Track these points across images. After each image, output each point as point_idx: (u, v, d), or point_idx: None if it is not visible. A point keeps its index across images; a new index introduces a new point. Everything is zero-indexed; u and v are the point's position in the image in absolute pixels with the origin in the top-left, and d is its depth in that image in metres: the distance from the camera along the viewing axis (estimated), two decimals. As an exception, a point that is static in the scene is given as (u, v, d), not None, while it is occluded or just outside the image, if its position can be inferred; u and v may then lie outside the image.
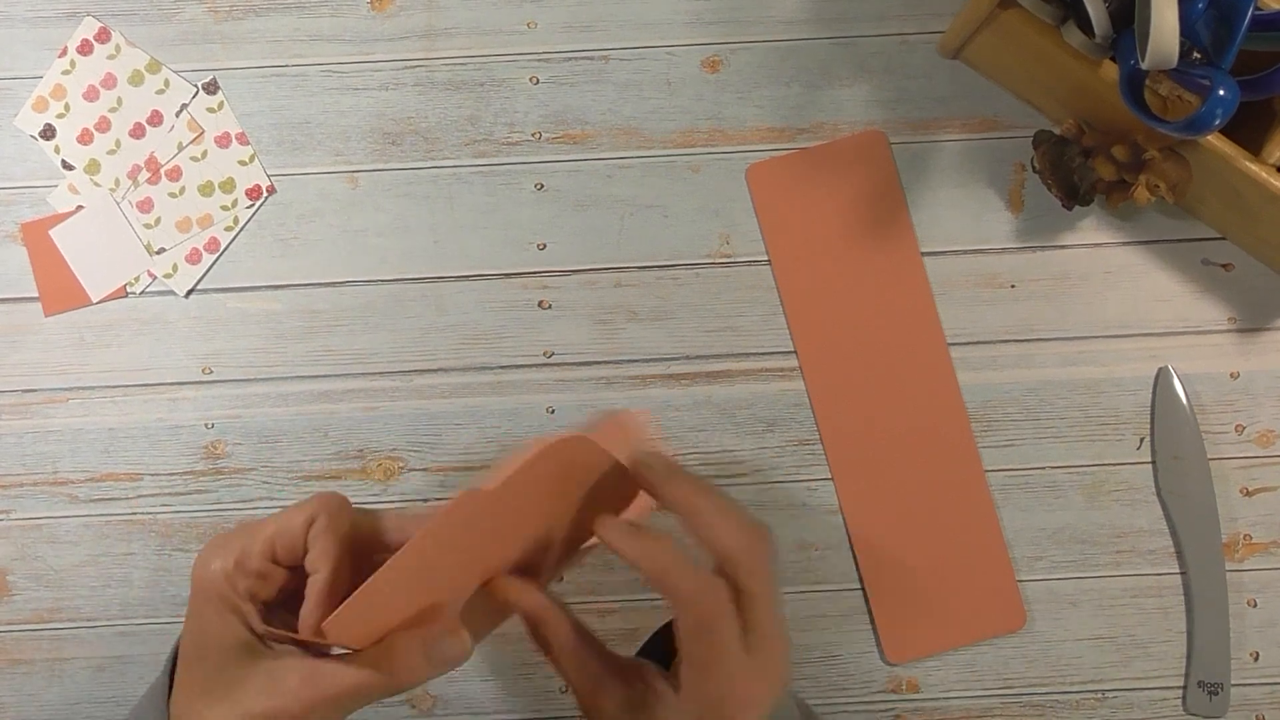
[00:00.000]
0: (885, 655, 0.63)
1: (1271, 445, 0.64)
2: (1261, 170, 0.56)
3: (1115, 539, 0.64)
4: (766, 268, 0.65)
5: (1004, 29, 0.60)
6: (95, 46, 0.66)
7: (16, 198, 0.65)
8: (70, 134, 0.65)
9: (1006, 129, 0.66)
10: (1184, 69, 0.52)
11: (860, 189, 0.65)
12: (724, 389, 0.65)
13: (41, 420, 0.65)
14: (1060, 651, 0.63)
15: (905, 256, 0.65)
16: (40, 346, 0.65)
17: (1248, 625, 0.63)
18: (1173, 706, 0.63)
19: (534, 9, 0.66)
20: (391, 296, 0.65)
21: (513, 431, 0.64)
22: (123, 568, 0.64)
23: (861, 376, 0.64)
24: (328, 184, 0.66)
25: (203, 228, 0.65)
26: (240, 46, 0.66)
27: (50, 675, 0.64)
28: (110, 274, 0.65)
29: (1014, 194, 0.65)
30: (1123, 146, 0.59)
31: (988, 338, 0.65)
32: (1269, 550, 0.64)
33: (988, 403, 0.64)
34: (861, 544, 0.64)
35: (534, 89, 0.66)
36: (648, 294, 0.65)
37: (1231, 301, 0.65)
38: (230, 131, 0.66)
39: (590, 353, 0.65)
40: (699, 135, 0.66)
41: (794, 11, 0.66)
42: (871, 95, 0.66)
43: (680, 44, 0.66)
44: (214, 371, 0.65)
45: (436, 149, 0.66)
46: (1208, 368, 0.64)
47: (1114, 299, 0.65)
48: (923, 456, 0.64)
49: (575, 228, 0.65)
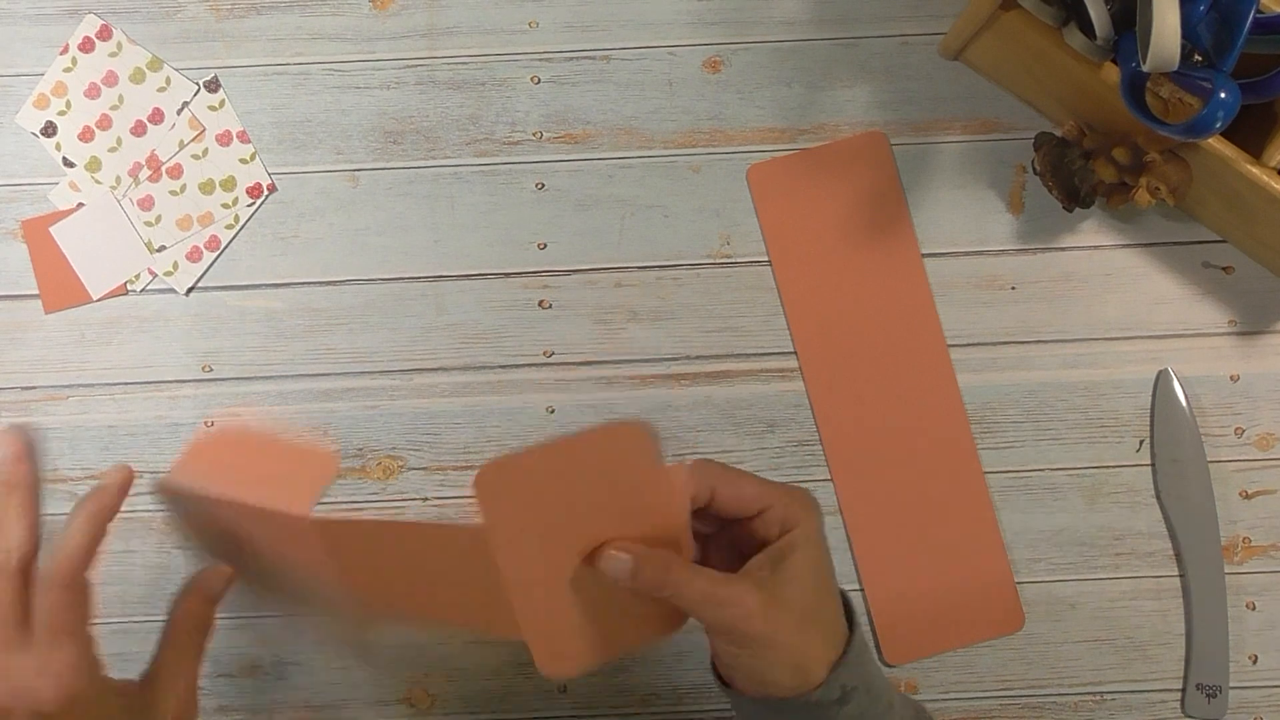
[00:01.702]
0: (884, 656, 0.63)
1: (1271, 448, 0.64)
2: (1262, 173, 0.56)
3: (1114, 541, 0.64)
4: (767, 268, 0.65)
5: (1005, 31, 0.60)
6: (97, 44, 0.66)
7: (17, 195, 0.66)
8: (71, 131, 0.65)
9: (1007, 131, 0.66)
10: (1185, 71, 0.52)
11: (861, 190, 0.65)
12: (724, 389, 0.65)
13: (42, 417, 0.65)
14: (1059, 653, 0.63)
15: (905, 257, 0.65)
16: (41, 344, 0.65)
17: (1246, 628, 0.63)
18: (1171, 709, 0.63)
19: (535, 8, 0.66)
20: (392, 295, 0.65)
21: (513, 431, 0.64)
22: (122, 566, 0.64)
23: (861, 377, 0.64)
24: (328, 183, 0.66)
25: (203, 226, 0.65)
26: (242, 45, 0.66)
27: (49, 672, 0.64)
28: (111, 271, 0.65)
29: (1014, 196, 0.65)
30: (1123, 149, 0.59)
31: (988, 339, 0.65)
32: (1268, 553, 0.64)
33: (987, 404, 0.64)
34: (860, 545, 0.64)
35: (535, 88, 0.66)
36: (648, 294, 0.65)
37: (1232, 304, 0.65)
38: (231, 130, 0.66)
39: (590, 352, 0.65)
40: (700, 135, 0.66)
41: (795, 12, 0.66)
42: (872, 96, 0.66)
43: (682, 44, 0.66)
44: (214, 369, 0.65)
45: (437, 148, 0.66)
46: (1208, 370, 0.64)
47: (1114, 301, 0.65)
48: (922, 458, 0.64)
49: (576, 227, 0.65)
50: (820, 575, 0.47)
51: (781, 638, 0.45)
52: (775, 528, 0.47)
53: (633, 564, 0.45)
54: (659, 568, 0.46)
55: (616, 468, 0.46)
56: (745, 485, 0.48)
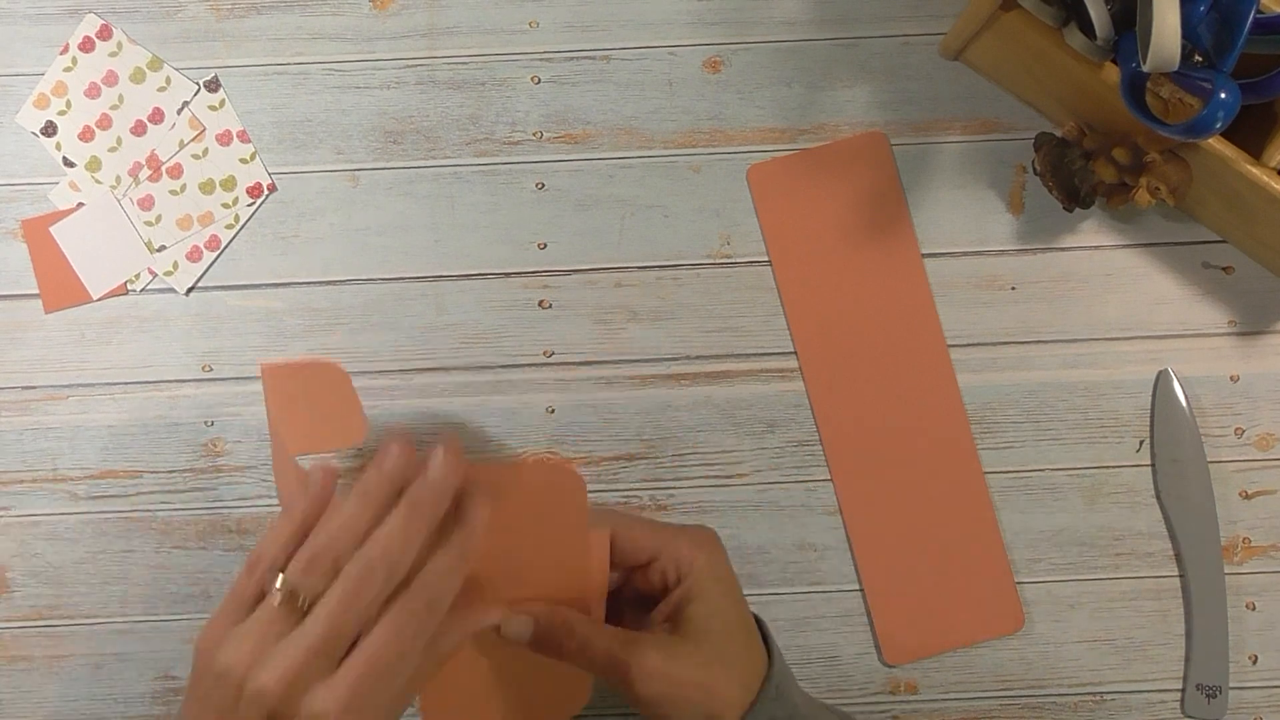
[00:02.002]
0: (884, 657, 0.63)
1: (1271, 449, 0.64)
2: (1262, 173, 0.56)
3: (1114, 541, 0.64)
4: (767, 268, 0.65)
5: (1005, 31, 0.60)
6: (97, 43, 0.66)
7: (17, 194, 0.66)
8: (71, 131, 0.65)
9: (1007, 131, 0.66)
10: (1185, 72, 0.52)
11: (861, 190, 0.65)
12: (724, 389, 0.65)
13: (41, 417, 0.65)
14: (1059, 654, 0.63)
15: (905, 258, 0.65)
16: (40, 343, 0.65)
17: (1246, 628, 0.63)
18: (1171, 709, 0.63)
19: (536, 8, 0.66)
20: (392, 295, 0.65)
21: (513, 431, 0.64)
22: (122, 565, 0.64)
23: (861, 377, 0.64)
24: (329, 182, 0.66)
25: (203, 225, 0.65)
26: (242, 44, 0.66)
27: (48, 672, 0.64)
28: (111, 271, 0.65)
29: (1015, 196, 0.65)
30: (1124, 149, 0.59)
31: (988, 339, 0.65)
32: (1268, 553, 0.64)
33: (987, 404, 0.64)
34: (861, 545, 0.64)
35: (535, 88, 0.66)
36: (648, 294, 0.65)
37: (1232, 304, 0.65)
38: (231, 129, 0.66)
39: (590, 353, 0.65)
40: (700, 135, 0.66)
41: (795, 12, 0.66)
42: (873, 96, 0.66)
43: (682, 44, 0.66)
44: (214, 369, 0.65)
45: (438, 148, 0.66)
46: (1208, 371, 0.64)
47: (1114, 301, 0.65)
48: (922, 458, 0.64)
49: (576, 227, 0.65)
50: (724, 618, 0.46)
51: (686, 692, 0.44)
52: (671, 574, 0.46)
53: (533, 628, 0.45)
54: (560, 632, 0.45)
55: (542, 512, 0.45)
56: (637, 532, 0.47)
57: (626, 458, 0.64)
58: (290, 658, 0.39)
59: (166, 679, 0.63)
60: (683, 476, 0.64)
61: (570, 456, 0.64)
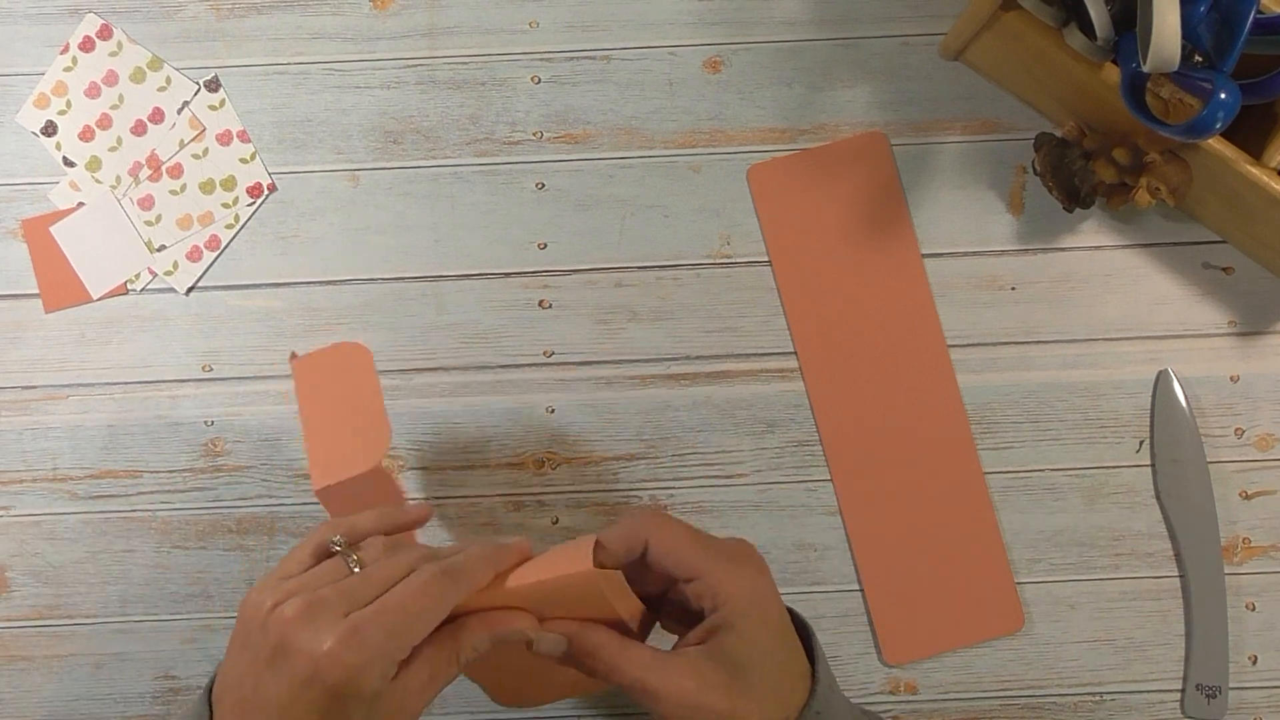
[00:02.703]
0: (884, 657, 0.63)
1: (1271, 449, 0.64)
2: (1262, 174, 0.56)
3: (1114, 541, 0.64)
4: (767, 268, 0.65)
5: (1005, 31, 0.60)
6: (97, 43, 0.66)
7: (17, 194, 0.66)
8: (72, 131, 0.65)
9: (1007, 131, 0.66)
10: (1186, 72, 0.52)
11: (861, 190, 0.65)
12: (724, 389, 0.65)
13: (41, 417, 0.65)
14: (1058, 654, 0.63)
15: (905, 258, 0.65)
16: (40, 343, 0.65)
17: (1246, 628, 0.63)
18: (1171, 709, 0.63)
19: (536, 8, 0.66)
20: (392, 295, 0.65)
21: (513, 431, 0.64)
22: (122, 565, 0.64)
23: (861, 377, 0.64)
24: (329, 182, 0.66)
25: (203, 225, 0.65)
26: (242, 44, 0.66)
27: (49, 672, 0.64)
28: (111, 271, 0.65)
29: (1015, 196, 0.65)
30: (1124, 149, 0.59)
31: (988, 339, 0.65)
32: (1268, 554, 0.64)
33: (987, 405, 0.64)
34: (860, 545, 0.64)
35: (535, 88, 0.66)
36: (648, 294, 0.65)
37: (1232, 305, 0.65)
38: (231, 129, 0.66)
39: (590, 352, 0.65)
40: (700, 135, 0.66)
41: (796, 13, 0.66)
42: (873, 97, 0.66)
43: (682, 44, 0.66)
44: (214, 369, 0.65)
45: (438, 148, 0.66)
46: (1208, 371, 0.64)
47: (1114, 302, 0.65)
48: (922, 458, 0.64)
49: (576, 227, 0.65)
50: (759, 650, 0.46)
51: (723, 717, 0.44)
52: (707, 601, 0.46)
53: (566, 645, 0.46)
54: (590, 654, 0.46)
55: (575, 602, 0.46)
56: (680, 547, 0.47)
57: (626, 458, 0.64)
58: (318, 596, 0.42)
59: (166, 679, 0.63)
60: (683, 476, 0.64)
61: (570, 456, 0.64)
